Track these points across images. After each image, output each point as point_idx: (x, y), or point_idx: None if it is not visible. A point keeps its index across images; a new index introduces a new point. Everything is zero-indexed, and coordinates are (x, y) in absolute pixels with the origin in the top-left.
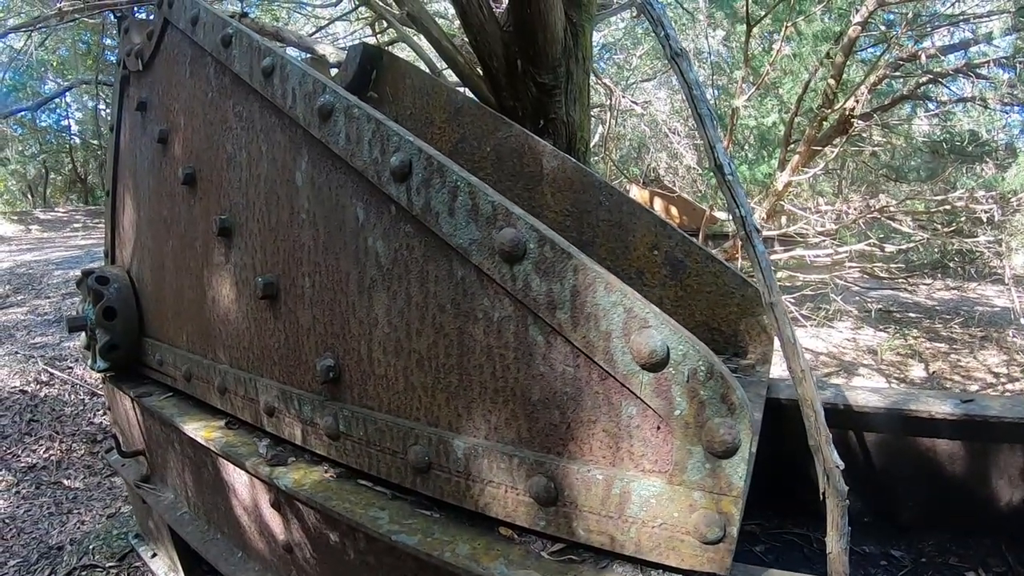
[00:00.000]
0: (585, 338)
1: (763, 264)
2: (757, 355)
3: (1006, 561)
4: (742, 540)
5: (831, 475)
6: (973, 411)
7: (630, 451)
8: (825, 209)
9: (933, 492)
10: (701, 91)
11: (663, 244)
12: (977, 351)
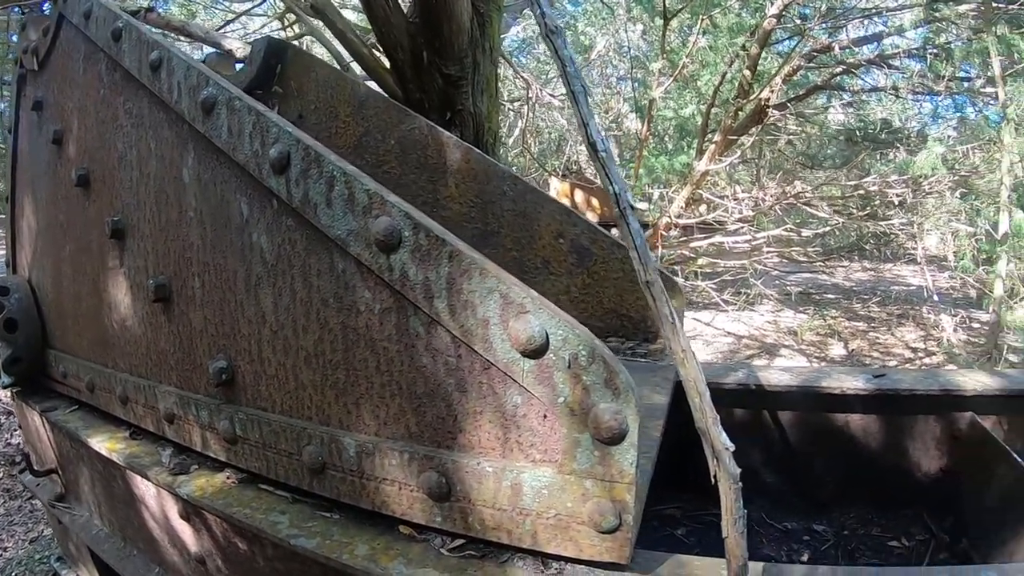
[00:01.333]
0: (463, 327)
1: (638, 242)
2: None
3: (928, 529)
4: (664, 524)
5: (720, 457)
6: (885, 385)
7: (519, 441)
8: (742, 196)
9: (852, 466)
10: (575, 68)
11: (568, 232)
12: (895, 328)
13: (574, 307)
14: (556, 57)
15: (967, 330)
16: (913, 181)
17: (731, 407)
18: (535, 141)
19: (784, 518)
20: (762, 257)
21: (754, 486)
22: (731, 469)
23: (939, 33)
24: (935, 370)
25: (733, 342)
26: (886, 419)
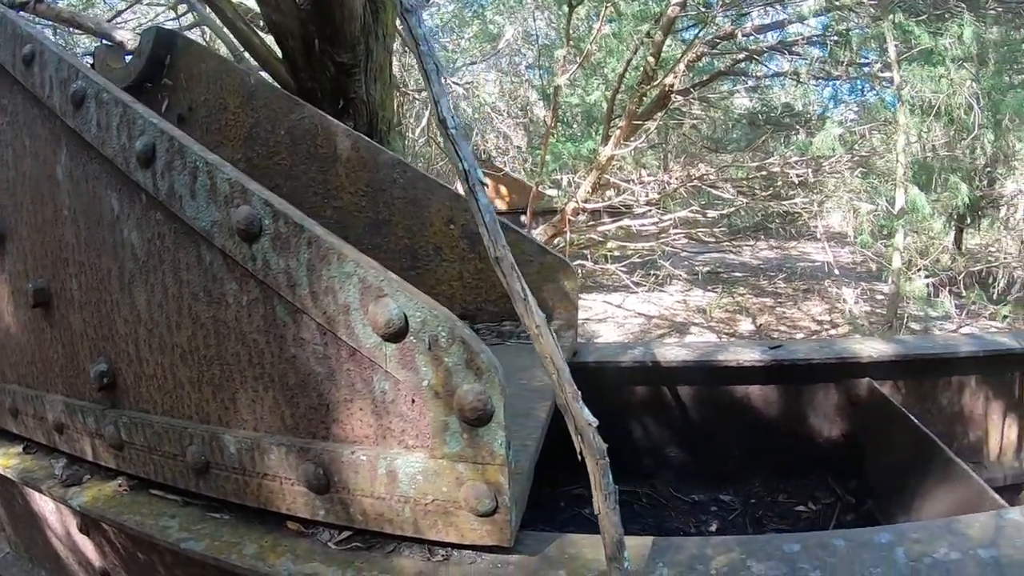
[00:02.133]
0: (326, 314)
1: (487, 219)
2: (561, 321)
3: (834, 492)
4: (572, 504)
5: (584, 434)
6: (781, 356)
7: (390, 428)
8: (648, 180)
9: (755, 436)
10: (429, 46)
11: (459, 217)
12: (801, 303)
13: (468, 292)
14: (409, 36)
15: (870, 301)
16: (814, 161)
17: (631, 385)
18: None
19: (691, 490)
20: (670, 239)
21: (660, 461)
22: (596, 445)
23: (840, 21)
24: (831, 339)
25: (644, 322)
26: (785, 389)
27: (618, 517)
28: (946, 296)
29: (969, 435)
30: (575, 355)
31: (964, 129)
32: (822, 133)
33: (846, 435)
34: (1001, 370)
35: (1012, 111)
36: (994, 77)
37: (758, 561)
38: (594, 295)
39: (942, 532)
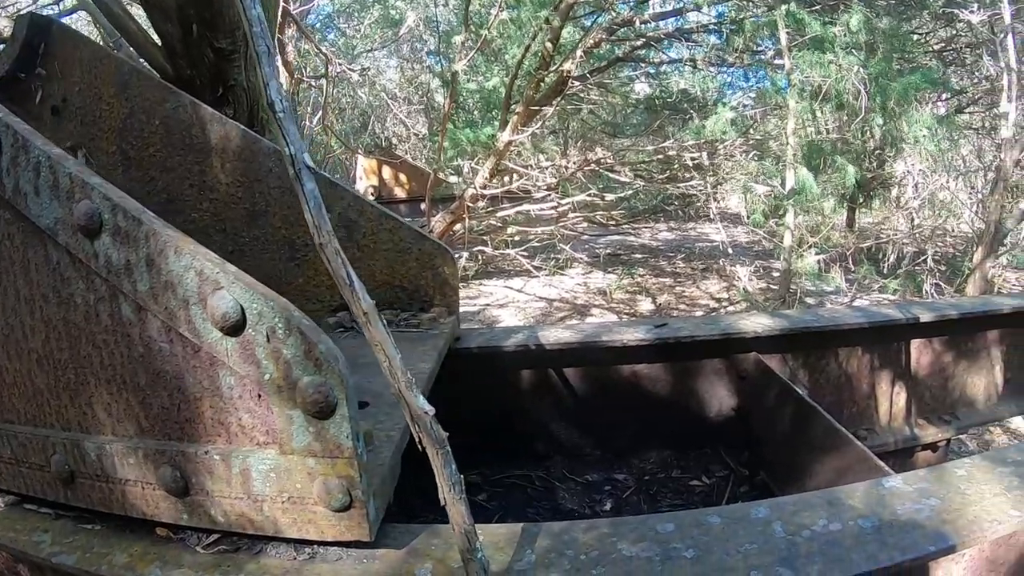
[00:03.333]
0: (167, 309)
1: (312, 205)
2: (442, 307)
3: (727, 465)
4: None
5: (421, 422)
6: (666, 334)
7: (241, 425)
8: (546, 165)
9: (646, 414)
10: (262, 28)
11: (336, 206)
12: (700, 281)
13: None
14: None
15: (766, 278)
16: (709, 145)
17: (516, 369)
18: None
19: (585, 471)
20: (569, 223)
21: (553, 443)
22: (435, 434)
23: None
24: (717, 316)
25: (545, 306)
26: (673, 366)
27: (465, 507)
28: (837, 271)
29: (858, 403)
30: (458, 341)
31: (853, 113)
32: (714, 117)
33: (736, 409)
34: (887, 340)
35: (898, 96)
36: (881, 64)
37: (629, 543)
38: (495, 280)
39: (821, 503)
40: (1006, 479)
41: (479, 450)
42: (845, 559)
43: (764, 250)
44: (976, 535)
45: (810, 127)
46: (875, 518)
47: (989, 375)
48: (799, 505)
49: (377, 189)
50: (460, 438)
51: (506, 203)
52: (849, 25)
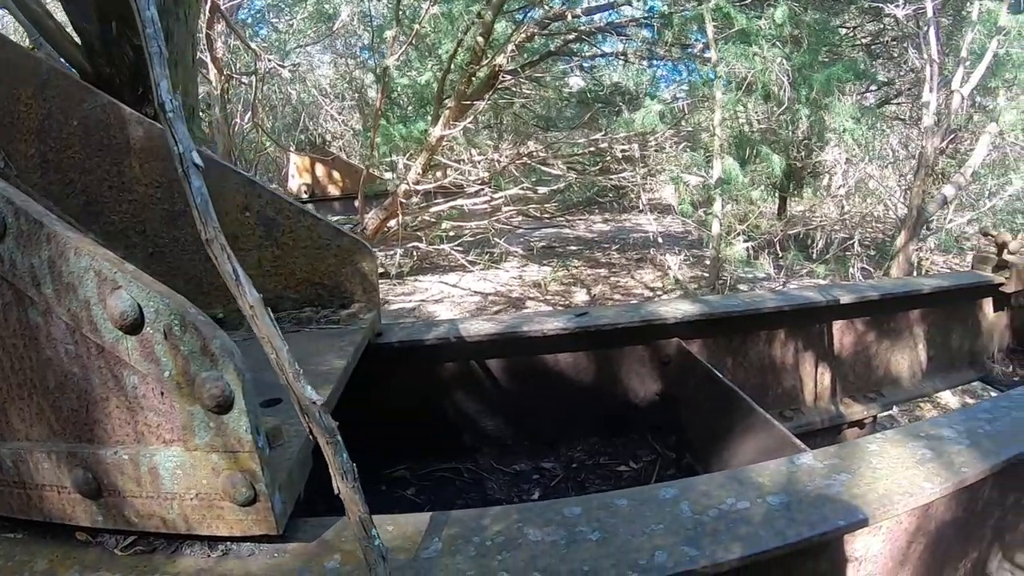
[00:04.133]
0: (70, 311)
1: (198, 202)
2: (362, 303)
3: (654, 449)
4: (393, 486)
5: (310, 412)
6: (586, 322)
7: (147, 424)
8: (479, 159)
9: (571, 403)
10: (156, 29)
11: (254, 204)
12: (634, 271)
13: (268, 280)
14: (138, 17)
15: (700, 267)
16: (640, 138)
17: (439, 362)
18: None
19: (513, 462)
20: (503, 216)
21: (479, 435)
22: (324, 424)
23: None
24: (638, 304)
25: (480, 300)
26: (595, 354)
27: (359, 495)
28: (765, 258)
29: (783, 384)
30: (379, 336)
31: (780, 104)
32: (642, 111)
33: (661, 394)
34: (809, 322)
35: (820, 87)
36: (804, 56)
37: (536, 527)
38: (430, 276)
39: (730, 482)
40: (919, 452)
41: (406, 444)
42: (752, 536)
43: (696, 239)
44: (887, 508)
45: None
46: (784, 495)
47: (913, 353)
48: (708, 485)
49: (310, 187)
50: (386, 433)
51: (440, 198)
52: (774, 18)
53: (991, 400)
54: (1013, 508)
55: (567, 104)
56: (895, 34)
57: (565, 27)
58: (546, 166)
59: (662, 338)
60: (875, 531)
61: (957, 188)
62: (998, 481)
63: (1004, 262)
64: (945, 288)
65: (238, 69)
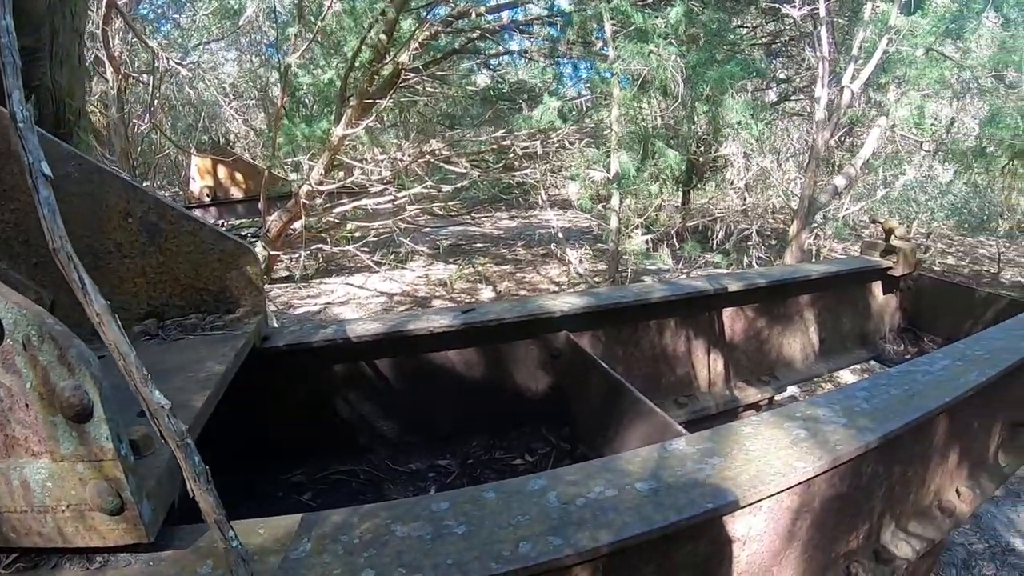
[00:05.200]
0: None
1: (46, 211)
2: (247, 307)
3: (549, 442)
4: (291, 492)
5: (159, 416)
6: (474, 319)
7: (15, 436)
8: (381, 159)
9: (464, 399)
10: (10, 38)
11: (136, 210)
12: (540, 267)
13: (153, 288)
14: None
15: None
16: (543, 134)
17: (328, 364)
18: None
19: (409, 460)
20: (408, 216)
21: (375, 435)
22: (174, 427)
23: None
24: (526, 298)
25: (386, 300)
26: (485, 350)
27: (213, 497)
28: (665, 250)
29: (677, 372)
30: (266, 340)
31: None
32: (541, 107)
33: (553, 387)
34: (698, 311)
35: (713, 84)
36: (698, 54)
37: (403, 524)
38: (336, 278)
39: (599, 471)
40: (794, 432)
41: (302, 448)
42: (617, 523)
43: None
44: (758, 489)
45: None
46: (653, 481)
47: (805, 337)
48: (578, 474)
49: (212, 190)
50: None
51: (345, 199)
52: (670, 17)
53: (870, 379)
54: (901, 480)
55: (472, 102)
56: (793, 34)
57: (469, 25)
58: (450, 164)
59: (550, 331)
60: (755, 511)
61: (848, 179)
62: (881, 456)
63: (891, 247)
64: (834, 273)
65: (137, 67)
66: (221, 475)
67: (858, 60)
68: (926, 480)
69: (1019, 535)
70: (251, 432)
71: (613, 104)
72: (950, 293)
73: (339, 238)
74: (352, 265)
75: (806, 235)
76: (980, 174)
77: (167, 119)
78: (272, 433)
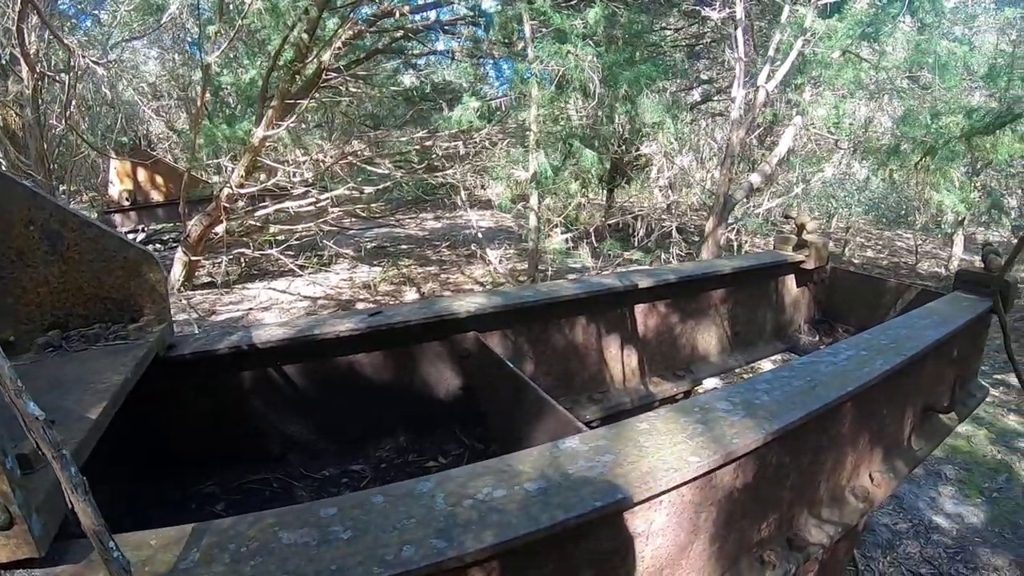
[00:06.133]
0: None
1: None
2: (151, 316)
3: (462, 443)
4: (203, 503)
5: (34, 428)
6: (379, 322)
7: None
8: (302, 160)
9: (375, 402)
10: None
11: (38, 217)
12: (465, 267)
13: (56, 298)
14: None
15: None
16: (465, 135)
17: (236, 371)
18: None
19: (322, 466)
20: (331, 218)
21: (287, 443)
22: (49, 438)
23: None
24: (433, 299)
25: (309, 305)
26: (394, 352)
27: (92, 508)
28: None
29: (589, 369)
30: (171, 349)
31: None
32: (460, 108)
33: (463, 387)
34: (609, 308)
35: (628, 84)
36: (614, 55)
37: (290, 531)
38: (258, 283)
39: (489, 471)
40: (690, 427)
41: (213, 458)
42: (503, 523)
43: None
44: (649, 486)
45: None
46: (543, 480)
47: (719, 330)
48: (468, 475)
49: (132, 193)
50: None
51: (267, 201)
52: (588, 18)
53: (773, 371)
54: (811, 469)
55: (396, 102)
56: (715, 36)
57: (393, 24)
58: (373, 165)
59: (459, 332)
60: (655, 506)
61: (763, 176)
62: (785, 447)
63: (803, 242)
64: (747, 268)
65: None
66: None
67: (775, 61)
68: (837, 467)
69: (942, 513)
70: (162, 443)
71: (532, 104)
72: (862, 284)
73: (262, 242)
74: (275, 269)
75: (722, 231)
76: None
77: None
78: (183, 443)
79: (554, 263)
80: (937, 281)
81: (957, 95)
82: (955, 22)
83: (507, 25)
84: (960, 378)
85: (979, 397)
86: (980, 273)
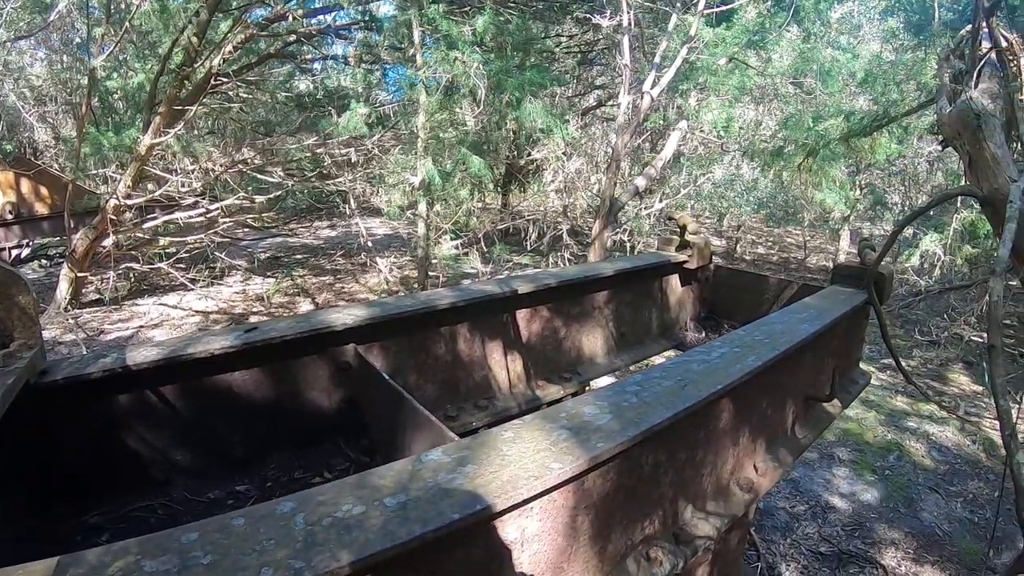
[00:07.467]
0: None
1: None
2: (21, 341)
3: (348, 456)
4: (89, 535)
5: None
6: (255, 338)
7: None
8: (191, 169)
9: (256, 421)
10: None
11: None
12: (360, 276)
13: None
14: None
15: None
16: (356, 141)
17: (110, 395)
18: None
19: (207, 490)
20: (222, 228)
21: (169, 467)
22: None
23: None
24: (310, 313)
25: (201, 320)
26: (271, 368)
27: None
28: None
29: (474, 376)
30: (44, 375)
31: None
32: (347, 114)
33: (345, 400)
34: (490, 314)
35: (512, 90)
36: (499, 61)
37: (152, 559)
38: (148, 299)
39: (351, 488)
40: (555, 433)
41: (95, 487)
42: (361, 541)
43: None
44: (510, 495)
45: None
46: (403, 495)
47: (605, 332)
48: (328, 493)
49: (15, 205)
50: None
51: (156, 212)
52: (476, 26)
53: (644, 372)
54: (690, 465)
55: (290, 108)
56: (608, 43)
57: (287, 28)
58: (264, 173)
59: (338, 345)
60: (526, 512)
61: (648, 179)
62: (658, 446)
63: (686, 242)
64: (629, 269)
65: None
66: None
67: (661, 68)
68: (719, 461)
69: (837, 494)
70: (40, 473)
71: (420, 110)
72: (744, 282)
73: (151, 255)
74: (166, 284)
75: (609, 233)
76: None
77: None
78: (62, 473)
79: (445, 270)
80: (826, 274)
81: (840, 100)
82: (841, 31)
83: (398, 30)
84: (841, 367)
85: (862, 384)
86: (856, 267)
